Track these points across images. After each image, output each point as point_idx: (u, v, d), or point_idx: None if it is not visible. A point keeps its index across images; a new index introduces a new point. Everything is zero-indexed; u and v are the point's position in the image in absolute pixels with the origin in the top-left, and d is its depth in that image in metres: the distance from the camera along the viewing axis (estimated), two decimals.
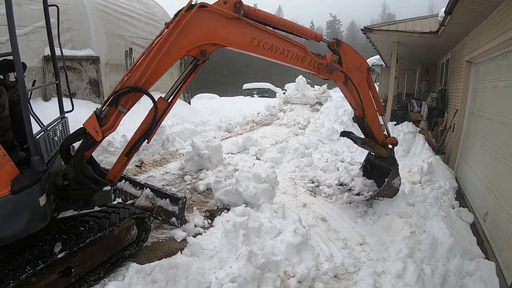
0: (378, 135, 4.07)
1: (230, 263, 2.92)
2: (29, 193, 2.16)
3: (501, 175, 3.61)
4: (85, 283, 2.69)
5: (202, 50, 2.77)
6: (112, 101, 2.54)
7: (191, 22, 2.63)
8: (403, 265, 2.93)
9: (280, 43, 3.17)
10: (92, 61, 7.98)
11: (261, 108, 14.00)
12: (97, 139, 2.50)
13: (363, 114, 3.86)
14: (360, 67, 3.72)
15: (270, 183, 4.28)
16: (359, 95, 3.71)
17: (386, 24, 8.19)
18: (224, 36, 2.85)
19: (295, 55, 3.29)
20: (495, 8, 4.14)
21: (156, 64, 2.58)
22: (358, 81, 3.70)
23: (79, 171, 2.52)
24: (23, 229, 2.18)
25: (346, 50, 3.63)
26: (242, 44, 2.98)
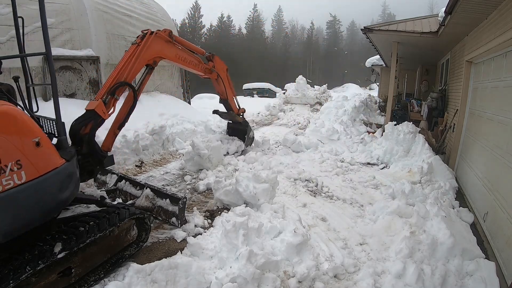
0: (234, 109, 6.85)
1: (230, 263, 2.92)
2: (74, 161, 2.73)
3: (501, 175, 3.61)
4: (85, 283, 2.69)
5: (154, 61, 4.44)
6: (112, 91, 3.60)
7: (151, 43, 4.30)
8: (403, 265, 2.93)
9: (189, 56, 5.28)
10: (92, 61, 7.98)
11: (261, 108, 14.00)
12: (105, 118, 3.46)
13: (226, 97, 6.58)
14: (223, 69, 6.40)
15: (270, 183, 4.28)
16: (224, 86, 6.43)
17: (386, 24, 8.19)
18: (165, 52, 4.65)
19: (194, 63, 5.49)
20: (495, 8, 4.14)
21: (134, 69, 4.00)
22: (223, 77, 6.38)
23: (93, 144, 3.30)
24: (73, 190, 2.66)
25: (216, 60, 6.22)
26: (172, 57, 4.86)
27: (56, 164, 2.43)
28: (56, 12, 7.55)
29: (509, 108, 3.64)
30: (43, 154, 2.33)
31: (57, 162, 2.46)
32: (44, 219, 2.42)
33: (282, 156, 6.99)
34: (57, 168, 2.43)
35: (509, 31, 3.55)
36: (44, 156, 2.34)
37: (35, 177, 2.24)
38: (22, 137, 2.19)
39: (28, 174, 2.19)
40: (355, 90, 28.31)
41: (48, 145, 2.41)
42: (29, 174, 2.20)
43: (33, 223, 2.32)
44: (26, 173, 2.18)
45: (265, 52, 56.37)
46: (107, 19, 8.71)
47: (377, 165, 6.62)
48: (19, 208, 2.18)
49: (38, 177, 2.26)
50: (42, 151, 2.31)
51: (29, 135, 2.24)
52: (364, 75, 26.58)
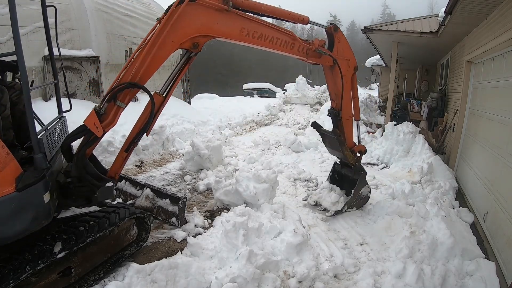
0: (348, 137, 4.05)
1: (230, 263, 2.92)
2: (33, 190, 2.18)
3: (501, 175, 3.61)
4: (85, 283, 2.69)
5: (194, 42, 2.85)
6: (111, 97, 2.60)
7: (182, 16, 2.69)
8: (403, 265, 2.93)
9: (269, 31, 3.25)
10: (92, 61, 7.97)
11: (261, 108, 14.00)
12: (98, 135, 2.56)
13: (340, 107, 3.89)
14: (349, 61, 3.82)
15: (270, 183, 4.28)
16: (342, 85, 3.75)
17: (386, 24, 8.19)
18: (215, 27, 2.92)
19: (284, 42, 3.39)
20: (495, 8, 4.14)
21: (150, 59, 2.63)
22: (344, 73, 3.75)
23: (82, 168, 2.57)
24: (27, 227, 2.19)
25: (341, 38, 3.77)
26: (233, 34, 3.07)
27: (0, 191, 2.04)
28: (53, 11, 7.54)
29: (509, 108, 3.64)
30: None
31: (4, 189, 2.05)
32: None
33: (282, 156, 6.98)
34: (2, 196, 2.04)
35: (509, 31, 3.55)
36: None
37: None
38: None
39: None
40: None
41: None
42: None
43: None
44: None
45: (265, 52, 56.24)
46: (107, 19, 8.70)
47: (377, 165, 6.62)
48: None
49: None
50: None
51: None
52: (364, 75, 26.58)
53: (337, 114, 3.95)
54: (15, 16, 2.05)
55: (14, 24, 2.04)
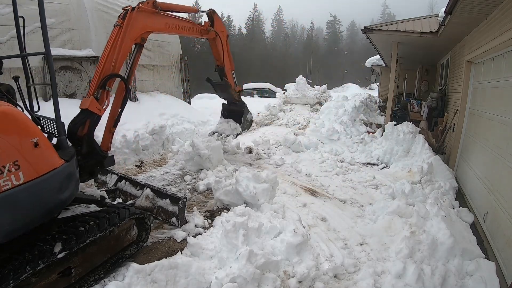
0: (231, 81, 6.21)
1: (230, 263, 2.92)
2: (72, 163, 2.68)
3: (501, 175, 3.61)
4: (85, 283, 2.69)
5: (142, 37, 4.05)
6: (102, 85, 3.40)
7: (135, 20, 3.84)
8: (403, 265, 2.93)
9: (180, 22, 4.83)
10: (92, 61, 7.97)
11: (261, 108, 13.99)
12: (100, 114, 3.32)
13: (223, 64, 5.98)
14: (222, 32, 5.85)
15: (270, 183, 4.28)
16: (222, 51, 5.85)
17: (386, 24, 8.19)
18: (152, 25, 4.19)
19: (189, 28, 5.10)
20: (495, 8, 4.14)
21: (121, 53, 3.64)
22: (223, 39, 5.85)
23: (91, 144, 3.23)
24: (73, 191, 2.66)
25: (216, 18, 5.72)
26: (162, 28, 4.47)
27: (55, 165, 2.42)
28: (56, 12, 7.54)
29: (509, 108, 3.64)
30: (41, 155, 2.32)
31: (56, 162, 2.45)
32: (43, 220, 2.41)
33: (282, 156, 6.98)
34: (56, 168, 2.42)
35: (509, 31, 3.55)
36: (42, 157, 2.33)
37: (34, 178, 2.23)
38: (20, 137, 2.18)
39: (27, 175, 2.18)
40: (355, 90, 28.31)
41: (46, 146, 2.40)
42: (27, 175, 2.19)
43: (33, 223, 2.32)
44: (25, 174, 2.17)
45: (265, 52, 56.37)
46: (107, 19, 8.70)
47: (377, 165, 6.62)
48: (18, 208, 2.17)
49: (36, 177, 2.25)
50: (40, 152, 2.30)
51: (27, 136, 2.23)
52: (364, 75, 26.59)
53: (222, 69, 6.06)
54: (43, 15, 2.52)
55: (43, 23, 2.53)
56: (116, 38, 3.66)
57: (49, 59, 2.56)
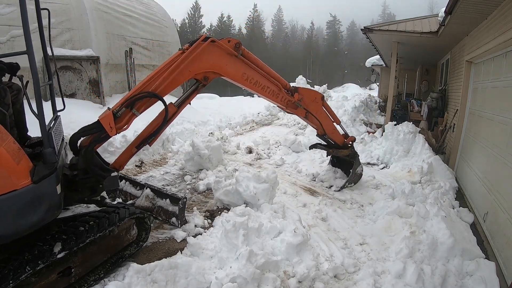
0: (338, 141, 5.01)
1: (230, 263, 2.92)
2: (48, 182, 2.29)
3: (501, 175, 3.61)
4: (85, 283, 2.69)
5: (205, 76, 3.43)
6: (129, 103, 2.87)
7: (202, 53, 3.28)
8: (403, 265, 2.93)
9: (263, 80, 3.99)
10: (92, 61, 7.98)
11: (261, 108, 13.98)
12: (110, 134, 2.81)
13: (323, 132, 4.86)
14: (315, 99, 4.65)
15: (270, 183, 4.28)
16: (318, 121, 4.72)
17: (386, 24, 8.20)
18: (224, 67, 3.55)
19: (272, 91, 4.13)
20: (495, 8, 4.14)
21: (171, 80, 3.11)
22: (316, 110, 4.67)
23: (89, 160, 2.77)
24: (42, 217, 2.29)
25: (302, 92, 4.51)
26: (236, 76, 3.72)
27: (13, 187, 2.10)
28: (56, 12, 7.55)
29: (509, 108, 3.64)
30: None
31: (16, 184, 2.12)
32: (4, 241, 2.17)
33: (282, 156, 6.98)
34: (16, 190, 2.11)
35: (509, 31, 3.55)
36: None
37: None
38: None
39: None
40: (355, 90, 28.32)
41: (6, 163, 2.09)
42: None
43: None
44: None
45: (265, 52, 56.37)
46: (107, 19, 8.71)
47: (377, 165, 6.62)
48: None
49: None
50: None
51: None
52: (364, 75, 26.59)
53: (325, 136, 4.97)
54: (25, 16, 2.19)
55: (25, 23, 2.19)
56: (173, 62, 3.17)
57: (32, 59, 2.33)
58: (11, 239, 2.18)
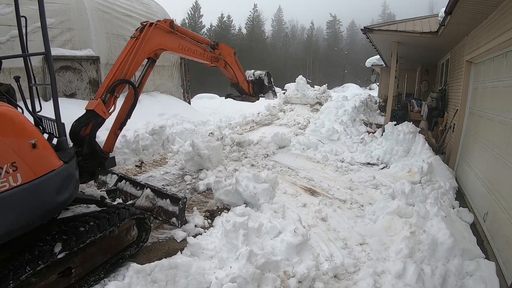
0: (247, 90, 7.05)
1: (230, 263, 2.92)
2: (72, 164, 2.68)
3: (501, 175, 3.61)
4: (85, 283, 2.69)
5: (155, 53, 4.16)
6: (111, 90, 3.46)
7: (151, 36, 3.98)
8: (403, 265, 2.93)
9: (193, 46, 4.95)
10: (92, 61, 7.98)
11: (261, 108, 13.98)
12: (105, 117, 3.37)
13: (237, 81, 6.61)
14: (229, 54, 6.13)
15: (270, 183, 4.28)
16: (233, 71, 6.35)
17: (386, 24, 8.19)
18: (166, 44, 4.31)
19: (200, 53, 5.19)
20: (495, 8, 4.14)
21: (134, 64, 3.75)
22: (231, 62, 6.21)
23: (93, 145, 3.24)
24: (72, 193, 2.65)
25: (221, 47, 5.90)
26: (175, 48, 4.53)
27: (53, 166, 2.41)
28: (56, 12, 7.55)
29: (509, 108, 3.64)
30: (39, 156, 2.31)
31: (55, 164, 2.43)
32: (42, 221, 2.40)
33: (282, 156, 6.99)
34: (55, 170, 2.41)
35: (509, 31, 3.55)
36: (41, 158, 2.32)
37: (32, 179, 2.22)
38: (18, 139, 2.17)
39: (24, 176, 2.17)
40: (355, 90, 28.31)
41: (45, 147, 2.39)
42: (25, 176, 2.18)
43: (32, 224, 2.30)
44: (22, 176, 2.16)
45: (265, 52, 56.35)
46: (107, 19, 8.70)
47: (377, 165, 6.62)
48: (16, 210, 2.16)
49: (34, 179, 2.24)
50: (38, 153, 2.29)
51: (25, 137, 2.22)
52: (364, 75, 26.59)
53: (237, 85, 6.75)
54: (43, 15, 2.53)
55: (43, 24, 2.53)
56: (131, 49, 3.79)
57: (49, 59, 2.56)
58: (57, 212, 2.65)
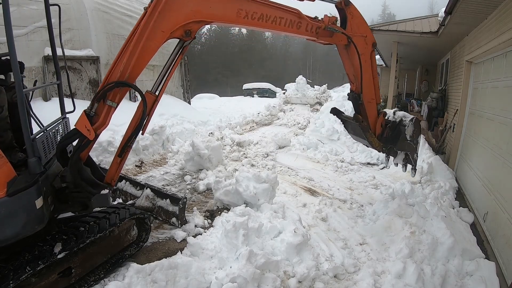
0: (372, 121, 3.57)
1: (230, 263, 2.92)
2: (25, 195, 2.12)
3: (501, 175, 3.61)
4: (85, 283, 2.69)
5: (186, 30, 2.58)
6: (100, 96, 2.41)
7: (170, 2, 2.44)
8: (403, 265, 2.93)
9: (270, 10, 2.90)
10: (92, 61, 7.98)
11: (261, 108, 13.99)
12: (90, 138, 2.39)
13: (360, 89, 3.40)
14: (365, 37, 3.35)
15: (270, 183, 4.28)
16: (360, 65, 3.32)
17: (386, 24, 8.20)
18: (208, 12, 2.63)
19: (289, 22, 3.02)
20: (495, 8, 4.14)
21: (139, 53, 2.41)
22: (361, 51, 3.32)
23: (76, 173, 2.42)
24: (19, 231, 2.14)
25: (354, 13, 3.29)
26: (229, 17, 2.74)
27: None
28: (56, 12, 7.54)
29: (509, 108, 3.64)
30: None
31: None
32: None
33: (282, 156, 6.99)
34: None
35: (509, 31, 3.55)
36: None
37: None
38: None
39: None
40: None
41: None
42: None
43: None
44: None
45: (265, 52, 56.36)
46: (107, 19, 8.70)
47: (377, 165, 6.62)
48: None
49: None
50: None
51: None
52: None
53: (358, 98, 3.49)
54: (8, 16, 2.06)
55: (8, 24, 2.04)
56: (137, 28, 2.44)
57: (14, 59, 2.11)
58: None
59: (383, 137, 3.68)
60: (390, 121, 3.74)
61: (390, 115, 3.83)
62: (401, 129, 3.64)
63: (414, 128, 3.58)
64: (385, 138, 3.68)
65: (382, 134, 3.65)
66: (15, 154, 2.51)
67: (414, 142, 3.63)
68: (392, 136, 3.69)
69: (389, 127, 3.68)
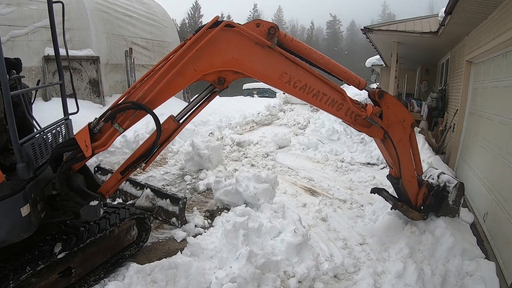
0: (413, 198, 3.43)
1: (230, 263, 2.92)
2: (10, 202, 2.03)
3: (501, 175, 3.61)
4: (85, 283, 2.69)
5: (220, 77, 2.42)
6: (109, 116, 2.28)
7: (213, 42, 2.25)
8: (403, 265, 2.93)
9: (316, 83, 2.66)
10: (92, 61, 7.98)
11: (261, 108, 13.97)
12: (86, 154, 2.28)
13: (399, 174, 3.30)
14: (403, 122, 3.12)
15: (270, 183, 4.28)
16: (397, 155, 3.17)
17: (386, 24, 8.20)
18: (249, 65, 2.43)
19: (331, 101, 2.76)
20: (495, 8, 4.14)
21: (165, 83, 2.27)
22: (399, 138, 3.13)
23: (64, 182, 2.31)
24: (4, 238, 2.08)
25: (389, 103, 3.02)
26: (270, 77, 2.54)
27: None
28: (56, 12, 7.53)
29: (509, 108, 3.64)
30: None
31: None
32: None
33: (282, 156, 6.99)
34: None
35: (509, 31, 3.55)
36: None
37: None
38: None
39: None
40: (355, 90, 28.23)
41: None
42: None
43: None
44: None
45: None
46: (107, 19, 8.71)
47: (377, 165, 6.62)
48: None
49: None
50: None
51: None
52: (364, 75, 26.54)
53: (397, 182, 3.43)
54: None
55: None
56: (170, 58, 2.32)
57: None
58: None
59: (426, 205, 3.51)
60: (433, 187, 3.56)
61: (434, 177, 3.68)
62: (444, 194, 3.49)
63: (458, 192, 3.49)
64: (427, 206, 3.52)
65: (424, 202, 3.48)
66: (9, 157, 2.46)
67: (456, 205, 3.53)
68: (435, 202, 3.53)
69: (433, 194, 3.52)
